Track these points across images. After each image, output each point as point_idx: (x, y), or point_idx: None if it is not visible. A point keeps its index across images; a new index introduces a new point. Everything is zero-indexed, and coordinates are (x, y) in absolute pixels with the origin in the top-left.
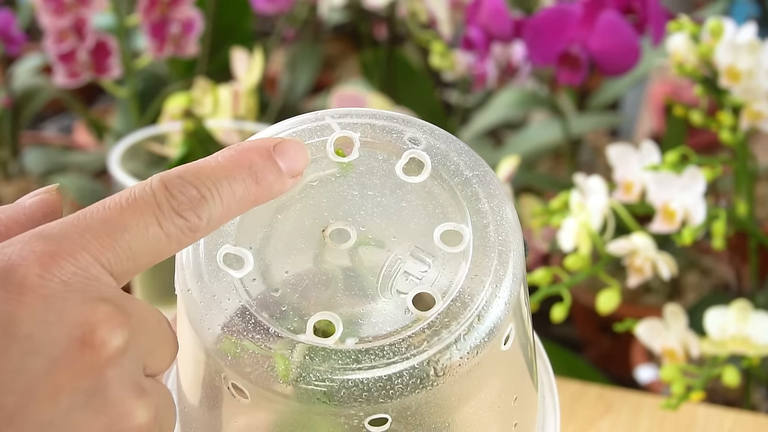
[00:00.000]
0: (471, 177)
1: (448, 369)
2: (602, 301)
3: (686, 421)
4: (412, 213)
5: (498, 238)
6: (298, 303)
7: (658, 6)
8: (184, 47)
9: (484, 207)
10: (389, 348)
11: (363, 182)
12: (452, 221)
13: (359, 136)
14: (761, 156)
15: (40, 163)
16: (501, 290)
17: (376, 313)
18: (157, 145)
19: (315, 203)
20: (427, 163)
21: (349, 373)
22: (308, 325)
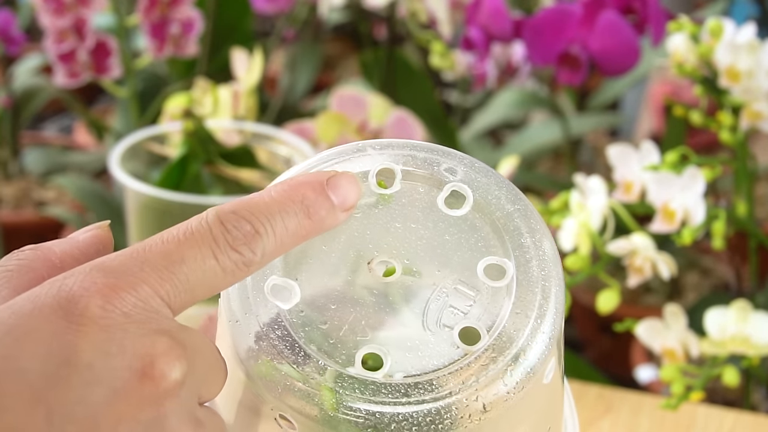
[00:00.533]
0: (513, 211)
1: (495, 403)
2: (602, 301)
3: (686, 421)
4: (455, 246)
5: (541, 273)
6: (346, 336)
7: (658, 6)
8: (184, 47)
9: (527, 241)
10: (437, 382)
11: (406, 214)
12: (495, 255)
13: (401, 168)
14: (761, 156)
15: (40, 163)
16: (544, 325)
17: (423, 347)
18: (157, 145)
19: (359, 235)
20: (469, 196)
21: (400, 407)
22: (357, 358)
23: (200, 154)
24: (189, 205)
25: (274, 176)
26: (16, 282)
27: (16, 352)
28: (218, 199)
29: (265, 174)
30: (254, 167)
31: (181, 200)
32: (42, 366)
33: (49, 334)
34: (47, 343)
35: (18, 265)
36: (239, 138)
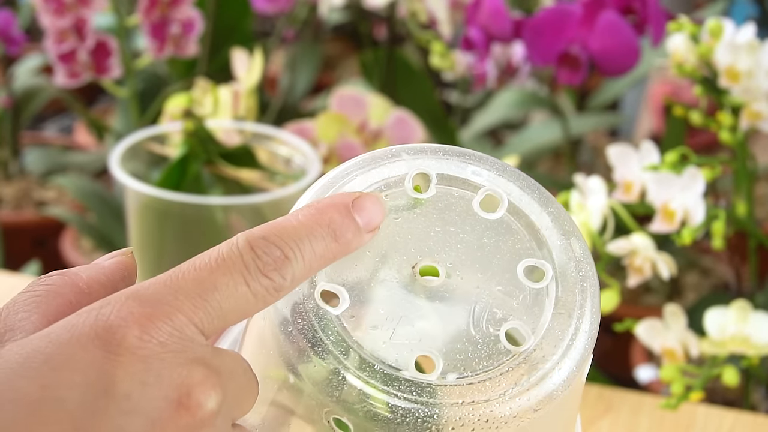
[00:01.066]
0: (546, 213)
1: (544, 402)
2: (602, 301)
3: (686, 421)
4: (494, 249)
5: (579, 273)
6: (397, 339)
7: (658, 6)
8: (184, 47)
9: (562, 243)
10: (491, 383)
11: (444, 218)
12: (533, 257)
13: (435, 173)
14: (761, 156)
15: (40, 163)
16: (585, 324)
17: (472, 349)
18: (157, 145)
19: (401, 239)
20: (503, 199)
21: (456, 408)
22: (410, 361)
23: (200, 154)
24: (189, 205)
25: (274, 176)
26: (44, 307)
27: (55, 381)
28: (218, 200)
29: (266, 174)
30: (254, 167)
31: (182, 200)
32: (81, 396)
33: (87, 364)
34: (85, 373)
35: (46, 291)
36: (239, 138)
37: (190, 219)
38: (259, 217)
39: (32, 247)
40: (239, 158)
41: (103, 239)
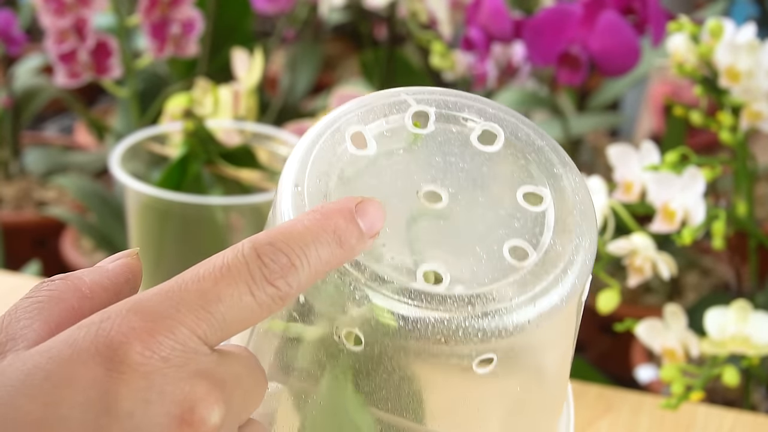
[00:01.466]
0: (543, 146)
1: (549, 314)
2: (602, 301)
3: (686, 421)
4: (493, 177)
5: (576, 197)
6: (404, 254)
7: (658, 6)
8: (184, 47)
9: (559, 171)
10: (497, 293)
11: (444, 150)
12: (531, 184)
13: (434, 110)
14: (761, 156)
15: (40, 163)
16: (584, 241)
17: (477, 265)
18: (157, 146)
19: (404, 168)
20: (500, 133)
21: (463, 317)
22: (418, 273)
23: (201, 154)
24: (189, 205)
25: (274, 176)
26: (47, 314)
27: (57, 399)
28: (219, 199)
29: (266, 174)
30: (255, 167)
31: (182, 200)
32: (82, 414)
33: (89, 382)
34: (87, 391)
35: (48, 296)
36: (239, 138)
37: (191, 219)
38: (259, 216)
39: (32, 247)
40: (239, 158)
41: (103, 239)
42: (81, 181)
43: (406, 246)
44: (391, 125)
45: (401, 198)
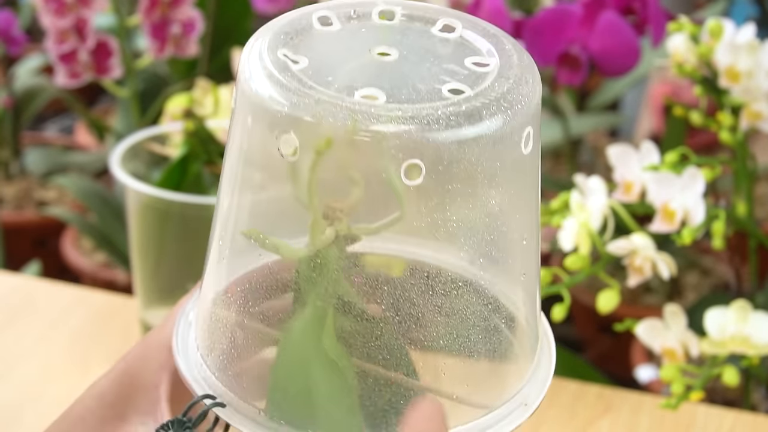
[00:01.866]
0: (498, 34)
1: (479, 138)
2: (602, 300)
3: (686, 421)
4: (447, 51)
5: (521, 63)
6: (349, 84)
7: (658, 7)
8: (184, 48)
9: (509, 48)
10: (428, 107)
11: (404, 32)
12: (481, 56)
13: (400, 10)
14: (760, 156)
15: (41, 163)
16: (524, 90)
17: (416, 95)
18: (157, 146)
19: (362, 35)
20: (458, 26)
21: (397, 123)
22: (357, 94)
23: (201, 154)
24: (189, 205)
25: None
26: None
27: None
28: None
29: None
30: None
31: (182, 200)
32: None
33: None
34: None
35: None
36: None
37: (191, 219)
38: None
39: (33, 247)
40: None
41: (103, 239)
42: (81, 181)
43: (351, 79)
44: (358, 14)
45: (355, 54)
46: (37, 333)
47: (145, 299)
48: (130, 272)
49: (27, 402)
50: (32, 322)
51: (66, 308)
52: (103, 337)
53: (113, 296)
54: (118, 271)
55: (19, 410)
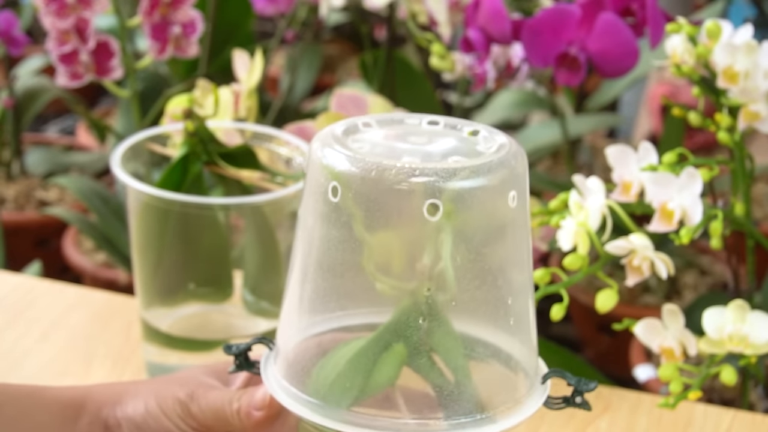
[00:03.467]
0: (504, 138)
1: (477, 188)
2: (601, 300)
3: (684, 420)
4: (460, 140)
5: (511, 150)
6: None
7: (657, 8)
8: (185, 48)
9: (503, 140)
10: (445, 167)
11: (433, 130)
12: (484, 143)
13: (427, 119)
14: (758, 156)
15: (42, 163)
16: (511, 164)
17: (438, 162)
18: (158, 146)
19: (399, 131)
20: (441, 120)
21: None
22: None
23: (201, 154)
24: (190, 205)
25: (275, 176)
26: None
27: None
28: (219, 200)
29: (266, 174)
30: (255, 167)
31: (183, 200)
32: None
33: None
34: None
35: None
36: (240, 138)
37: (191, 219)
38: (260, 216)
39: (34, 247)
40: (240, 158)
41: (104, 239)
42: (82, 182)
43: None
44: (393, 120)
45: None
46: (38, 332)
47: (145, 299)
48: (130, 272)
49: None
50: (33, 322)
51: (67, 308)
52: (104, 337)
53: (114, 296)
54: (118, 271)
55: None
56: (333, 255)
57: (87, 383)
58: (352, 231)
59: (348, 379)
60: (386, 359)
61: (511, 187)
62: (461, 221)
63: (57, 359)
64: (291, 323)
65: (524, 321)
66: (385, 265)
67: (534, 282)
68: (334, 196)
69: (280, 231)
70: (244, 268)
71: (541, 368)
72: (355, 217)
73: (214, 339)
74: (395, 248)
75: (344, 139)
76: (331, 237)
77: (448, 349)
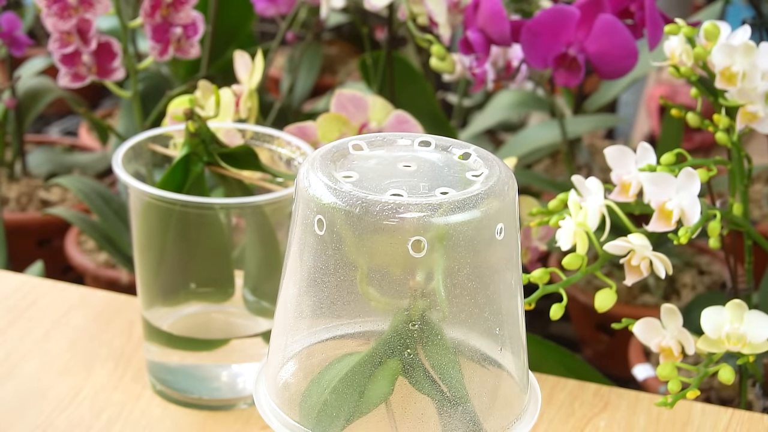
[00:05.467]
0: (495, 160)
1: (463, 222)
2: (599, 299)
3: (682, 419)
4: (451, 166)
5: (501, 178)
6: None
7: (655, 9)
8: (186, 49)
9: (498, 168)
10: (431, 202)
11: (420, 153)
12: (476, 171)
13: (419, 139)
14: (756, 157)
15: (44, 164)
16: (500, 196)
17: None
18: (160, 146)
19: (390, 155)
20: (432, 140)
21: (411, 211)
22: (387, 194)
23: (202, 155)
24: (191, 205)
25: (275, 177)
26: None
27: None
28: (220, 200)
29: (267, 175)
30: (256, 168)
31: (184, 200)
32: None
33: None
34: None
35: None
36: (241, 139)
37: (193, 219)
38: (261, 217)
39: (36, 246)
40: (241, 159)
41: (106, 239)
42: (83, 182)
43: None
44: (384, 141)
45: (386, 167)
46: (40, 332)
47: (147, 298)
48: (132, 272)
49: (29, 401)
50: (35, 322)
51: (69, 307)
52: (106, 336)
53: (116, 296)
54: (120, 271)
55: (22, 409)
56: (323, 275)
57: (89, 383)
58: (341, 256)
59: (340, 400)
60: (380, 375)
61: (498, 220)
62: (447, 256)
63: (59, 359)
64: (283, 333)
65: (515, 346)
66: (378, 284)
67: (533, 282)
68: (320, 229)
69: (281, 231)
70: (245, 268)
71: (533, 384)
72: (345, 243)
73: (215, 338)
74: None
75: (333, 165)
76: (318, 266)
77: (443, 363)
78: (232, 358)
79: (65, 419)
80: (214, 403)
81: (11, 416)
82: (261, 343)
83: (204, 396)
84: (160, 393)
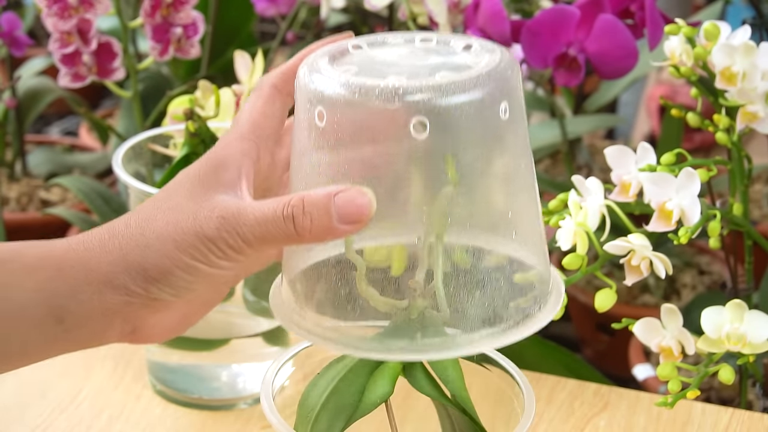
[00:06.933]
0: (496, 46)
1: (465, 103)
2: (599, 299)
3: (682, 418)
4: (451, 53)
5: (503, 59)
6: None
7: (655, 9)
8: (186, 50)
9: (499, 51)
10: (434, 83)
11: (425, 48)
12: (476, 55)
13: (421, 36)
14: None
15: (44, 164)
16: (503, 74)
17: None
18: (160, 146)
19: (388, 51)
20: (433, 36)
21: (413, 94)
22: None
23: (202, 154)
24: None
25: None
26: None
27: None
28: None
29: None
30: None
31: None
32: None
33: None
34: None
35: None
36: None
37: None
38: None
39: None
40: None
41: None
42: (83, 182)
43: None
44: (382, 41)
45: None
46: None
47: None
48: None
49: (29, 401)
50: None
51: None
52: None
53: None
54: None
55: (22, 409)
56: (326, 168)
57: (88, 382)
58: (342, 147)
59: (340, 400)
60: (380, 375)
61: (502, 99)
62: (452, 136)
63: (59, 359)
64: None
65: (532, 234)
66: (378, 283)
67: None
68: (320, 121)
69: None
70: None
71: (556, 279)
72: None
73: (215, 338)
74: (389, 260)
75: (331, 62)
76: (321, 161)
77: (443, 363)
78: (232, 358)
79: (65, 419)
80: (214, 403)
81: (11, 416)
82: (261, 342)
83: (204, 396)
84: (160, 393)
